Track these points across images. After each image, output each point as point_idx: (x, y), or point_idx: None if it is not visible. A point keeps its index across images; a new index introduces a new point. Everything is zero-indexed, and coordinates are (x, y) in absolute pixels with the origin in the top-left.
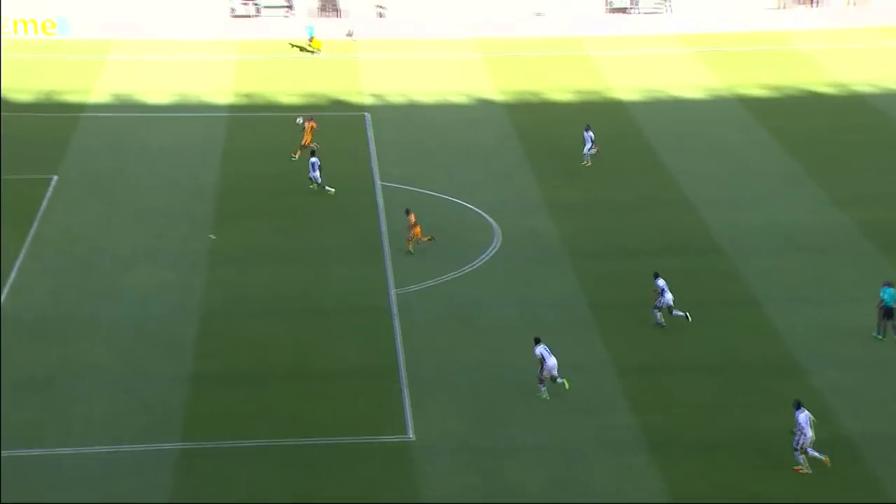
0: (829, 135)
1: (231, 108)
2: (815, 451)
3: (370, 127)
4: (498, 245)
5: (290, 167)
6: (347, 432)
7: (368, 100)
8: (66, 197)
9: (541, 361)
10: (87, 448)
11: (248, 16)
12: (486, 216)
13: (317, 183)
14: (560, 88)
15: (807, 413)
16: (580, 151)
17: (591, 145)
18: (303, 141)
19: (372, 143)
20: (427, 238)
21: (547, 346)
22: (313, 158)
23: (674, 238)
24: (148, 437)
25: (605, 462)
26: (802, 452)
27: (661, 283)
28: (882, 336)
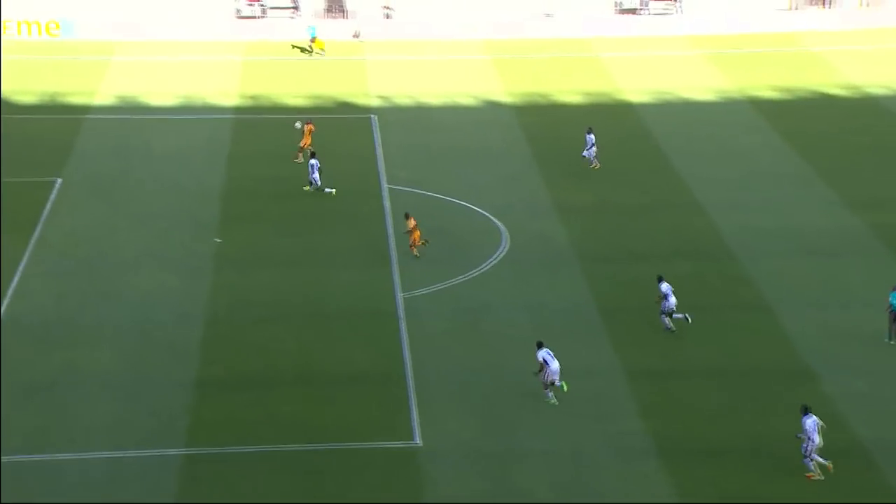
0: (841, 137)
1: (236, 110)
2: (819, 457)
3: (377, 129)
4: (506, 249)
5: (295, 170)
6: (353, 438)
7: (375, 102)
8: (69, 200)
9: (542, 366)
10: (91, 453)
11: (253, 17)
12: (494, 219)
13: (316, 185)
14: (569, 90)
15: (815, 419)
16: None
17: (591, 147)
18: (301, 143)
19: (379, 146)
20: (422, 242)
21: (550, 350)
22: (313, 160)
23: (684, 242)
24: (152, 442)
25: (614, 467)
26: (812, 459)
27: (664, 287)
28: (894, 341)
